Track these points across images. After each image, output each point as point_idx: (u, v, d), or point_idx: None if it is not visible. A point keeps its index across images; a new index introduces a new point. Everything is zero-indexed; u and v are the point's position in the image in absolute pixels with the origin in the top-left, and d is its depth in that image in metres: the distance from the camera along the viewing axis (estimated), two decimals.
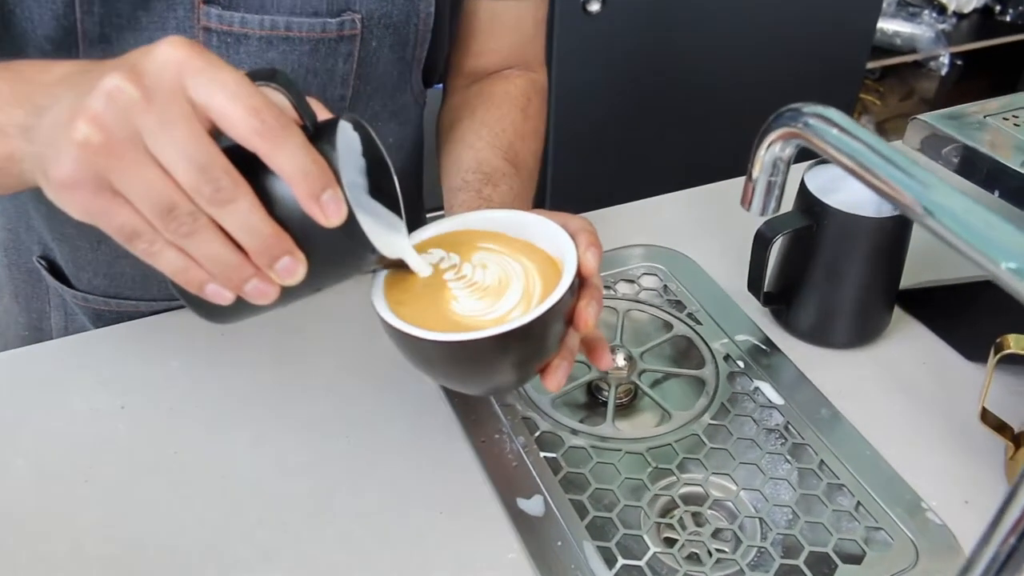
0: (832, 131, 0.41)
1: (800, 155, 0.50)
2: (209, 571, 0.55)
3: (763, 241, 0.69)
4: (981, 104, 0.81)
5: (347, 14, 0.63)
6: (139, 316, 0.74)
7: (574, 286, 0.47)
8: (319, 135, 0.41)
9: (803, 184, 0.69)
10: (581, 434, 0.65)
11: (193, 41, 0.38)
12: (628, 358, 0.71)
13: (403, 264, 0.49)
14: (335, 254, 0.43)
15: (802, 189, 0.69)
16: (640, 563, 0.56)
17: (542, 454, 0.62)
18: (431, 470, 0.61)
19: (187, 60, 0.37)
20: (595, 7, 1.60)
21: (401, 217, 0.48)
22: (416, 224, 0.51)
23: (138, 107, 0.36)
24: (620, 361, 0.70)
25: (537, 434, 0.65)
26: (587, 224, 0.52)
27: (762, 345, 0.72)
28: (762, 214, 0.50)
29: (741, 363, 0.71)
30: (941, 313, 0.74)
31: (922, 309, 0.75)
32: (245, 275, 0.40)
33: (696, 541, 0.61)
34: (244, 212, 0.38)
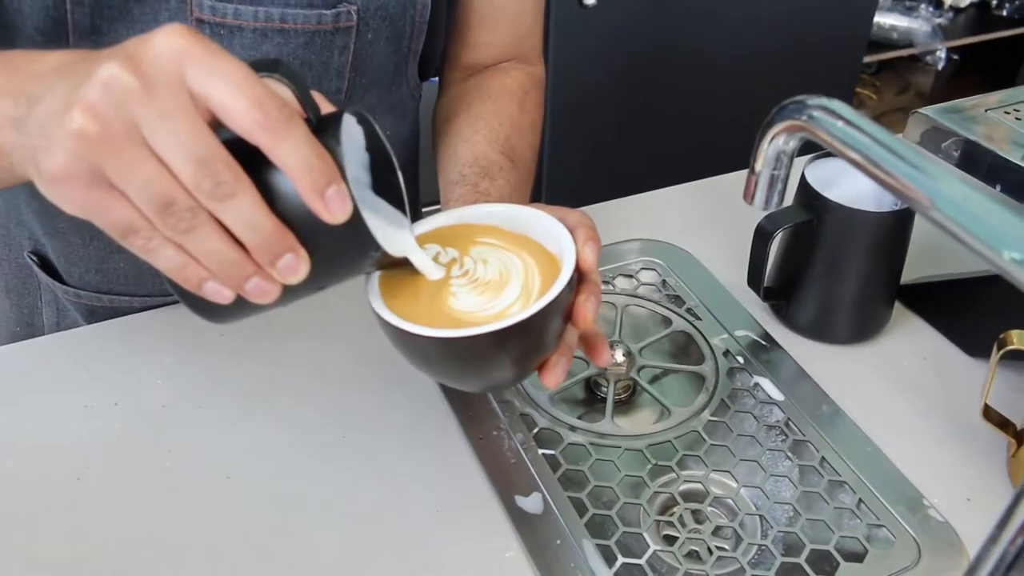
0: (837, 124, 0.40)
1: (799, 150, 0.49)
2: (205, 571, 0.54)
3: (763, 236, 0.68)
4: (982, 98, 0.80)
5: (343, 5, 0.62)
6: (132, 312, 0.73)
7: (573, 281, 0.47)
8: (323, 128, 0.40)
9: (804, 178, 0.68)
10: (580, 431, 0.64)
11: (192, 29, 0.37)
12: (627, 354, 0.70)
13: (407, 263, 0.48)
14: (338, 252, 0.42)
15: (803, 183, 0.68)
16: (640, 561, 0.56)
17: (540, 451, 0.62)
18: (428, 468, 0.61)
19: (187, 49, 0.36)
20: (591, 0, 1.59)
21: (406, 214, 0.47)
22: (412, 218, 0.50)
23: (136, 97, 0.35)
24: (619, 357, 0.70)
25: (535, 431, 0.64)
26: (586, 218, 0.51)
27: (762, 341, 0.72)
28: (765, 208, 0.49)
29: (741, 359, 0.70)
30: (942, 308, 0.73)
31: (923, 304, 0.74)
32: (245, 273, 0.39)
33: (696, 539, 0.60)
34: (245, 207, 0.37)
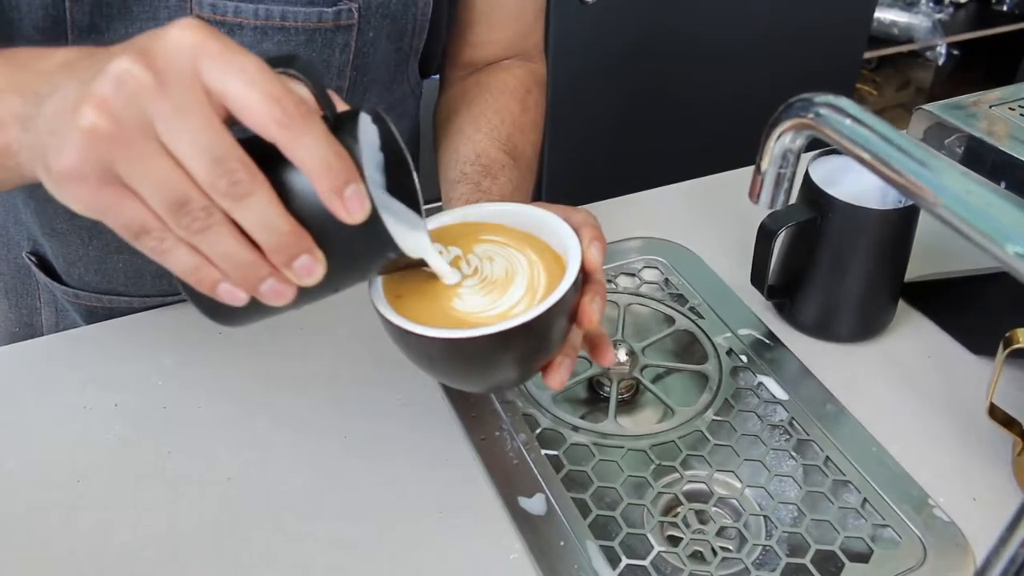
0: (845, 121, 0.40)
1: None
2: (206, 573, 0.54)
3: (767, 234, 0.68)
4: (985, 94, 0.80)
5: (344, 3, 0.61)
6: (132, 313, 0.73)
7: (578, 282, 0.46)
8: (340, 126, 0.39)
9: (807, 176, 0.68)
10: (583, 431, 0.64)
11: (206, 24, 0.36)
12: (630, 353, 0.70)
13: (420, 265, 0.47)
14: (355, 253, 0.41)
15: (806, 181, 0.68)
16: (644, 563, 0.55)
17: (543, 451, 0.61)
18: (430, 469, 0.60)
19: (202, 44, 0.35)
20: None
21: (421, 216, 0.46)
22: None
23: (150, 92, 0.34)
24: (622, 356, 0.69)
25: (538, 431, 0.64)
26: (590, 218, 0.51)
27: (765, 339, 0.71)
28: (771, 207, 0.48)
29: (744, 357, 0.70)
30: (947, 306, 0.73)
31: (927, 302, 0.74)
32: (261, 275, 0.38)
33: (701, 540, 0.60)
34: (261, 207, 0.36)
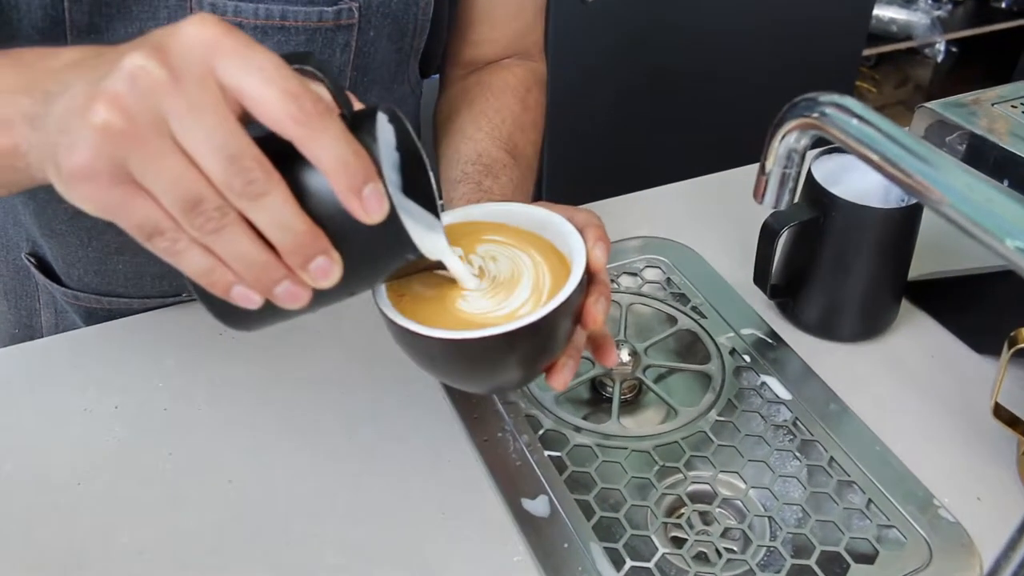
0: (852, 121, 0.40)
1: None
2: (206, 575, 0.54)
3: (770, 233, 0.67)
4: (986, 91, 0.80)
5: (344, 2, 0.61)
6: (132, 314, 0.72)
7: (583, 282, 0.46)
8: (358, 125, 0.38)
9: (810, 174, 0.67)
10: (585, 432, 0.64)
11: (221, 20, 0.35)
12: (632, 353, 0.70)
13: (439, 268, 0.46)
14: (373, 255, 0.40)
15: (809, 179, 0.67)
16: (649, 565, 0.55)
17: (546, 453, 0.61)
18: (432, 471, 0.60)
19: (218, 39, 0.34)
20: None
21: (438, 217, 0.45)
22: None
23: (164, 89, 0.33)
24: (624, 357, 0.69)
25: (541, 432, 0.63)
26: (594, 218, 0.50)
27: (768, 339, 0.71)
28: (775, 207, 0.48)
29: (747, 357, 0.69)
30: (950, 305, 0.72)
31: (930, 301, 0.74)
32: (276, 277, 0.37)
33: (705, 541, 0.59)
34: (277, 207, 0.35)
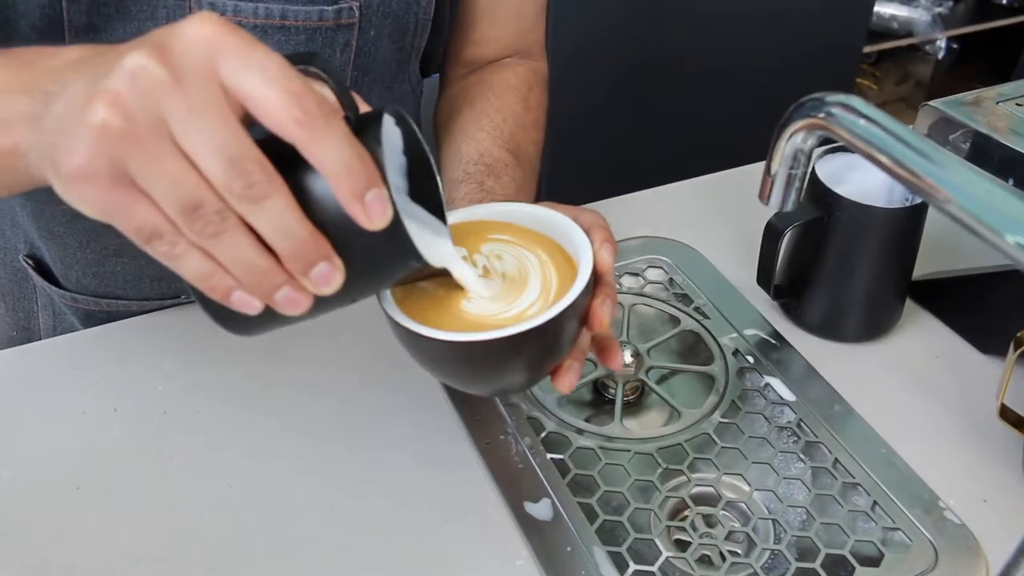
0: (859, 121, 0.39)
1: None
2: None
3: (774, 233, 0.67)
4: (990, 89, 0.79)
5: (345, 2, 0.60)
6: (130, 316, 0.72)
7: (590, 284, 0.45)
8: (363, 128, 0.37)
9: (814, 174, 0.67)
10: (588, 434, 0.63)
11: (224, 19, 0.34)
12: (635, 354, 0.69)
13: (445, 274, 0.45)
14: (376, 261, 0.39)
15: (813, 179, 0.67)
16: (652, 568, 0.55)
17: (549, 455, 0.61)
18: (434, 474, 0.60)
19: (220, 39, 0.33)
20: None
21: (445, 223, 0.44)
22: None
23: (165, 89, 0.33)
24: (627, 358, 0.69)
25: (543, 435, 0.63)
26: (599, 219, 0.50)
27: (771, 339, 0.71)
28: (781, 208, 0.48)
29: (750, 358, 0.69)
30: (955, 305, 0.72)
31: (935, 301, 0.73)
32: (276, 282, 0.37)
33: (709, 544, 0.59)
34: (278, 211, 0.34)
